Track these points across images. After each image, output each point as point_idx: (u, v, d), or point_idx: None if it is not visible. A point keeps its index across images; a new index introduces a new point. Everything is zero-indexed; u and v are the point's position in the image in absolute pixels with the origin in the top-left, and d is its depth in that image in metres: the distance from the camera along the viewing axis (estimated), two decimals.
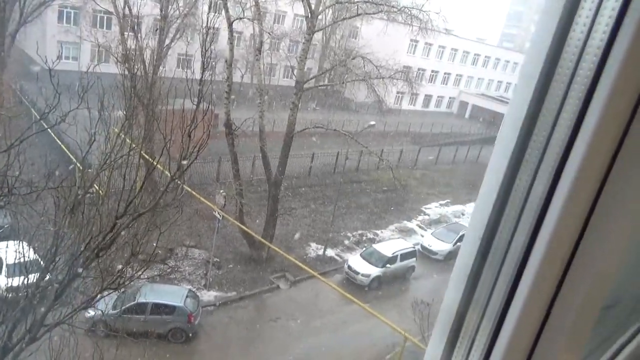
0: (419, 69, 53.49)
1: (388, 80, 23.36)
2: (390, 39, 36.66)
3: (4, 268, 15.37)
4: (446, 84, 62.85)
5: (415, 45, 54.79)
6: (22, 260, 8.40)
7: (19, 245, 8.99)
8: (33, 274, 7.63)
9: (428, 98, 61.53)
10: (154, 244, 8.73)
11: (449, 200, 33.96)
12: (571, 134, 0.87)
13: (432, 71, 59.63)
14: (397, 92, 43.12)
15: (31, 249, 9.07)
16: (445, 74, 61.50)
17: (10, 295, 8.14)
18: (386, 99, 27.10)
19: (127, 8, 21.43)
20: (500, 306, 0.99)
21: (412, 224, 29.52)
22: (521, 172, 0.95)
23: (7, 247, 14.66)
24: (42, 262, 7.99)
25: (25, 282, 7.52)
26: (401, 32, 30.02)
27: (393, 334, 15.68)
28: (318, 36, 41.17)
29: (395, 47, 43.72)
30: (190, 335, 16.57)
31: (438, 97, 63.01)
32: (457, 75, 62.93)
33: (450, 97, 64.39)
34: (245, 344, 17.10)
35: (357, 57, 24.45)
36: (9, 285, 10.73)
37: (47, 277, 7.43)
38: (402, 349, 13.85)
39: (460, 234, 25.21)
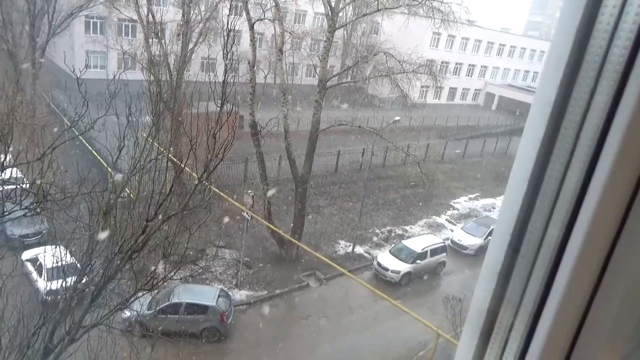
0: (442, 62, 52.74)
1: (411, 74, 23.12)
2: (412, 33, 36.20)
3: (44, 272, 15.92)
4: (471, 76, 61.81)
5: (438, 38, 54.04)
6: (60, 264, 8.69)
7: (56, 250, 9.30)
8: (71, 277, 7.87)
9: (453, 91, 60.65)
10: (185, 245, 8.87)
11: (478, 194, 33.43)
12: (606, 119, 0.83)
13: (456, 63, 58.73)
14: (421, 86, 42.68)
15: (68, 253, 9.36)
16: (469, 65, 60.48)
17: (50, 298, 8.41)
18: (410, 94, 26.78)
19: (150, 15, 21.85)
20: (535, 302, 0.95)
21: (441, 219, 29.17)
22: (552, 162, 0.91)
23: (45, 251, 15.19)
24: (78, 266, 8.22)
25: (64, 285, 7.76)
26: (423, 26, 29.61)
27: (425, 330, 15.53)
28: (339, 33, 41.02)
29: (417, 41, 43.21)
30: (223, 334, 16.80)
31: (463, 89, 62.04)
32: (482, 66, 61.81)
33: (475, 89, 63.31)
34: (277, 342, 17.23)
35: (379, 52, 24.27)
36: (49, 288, 11.11)
37: (84, 280, 7.65)
38: (435, 346, 13.70)
39: (491, 227, 24.76)
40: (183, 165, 8.91)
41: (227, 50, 10.47)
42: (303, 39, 42.78)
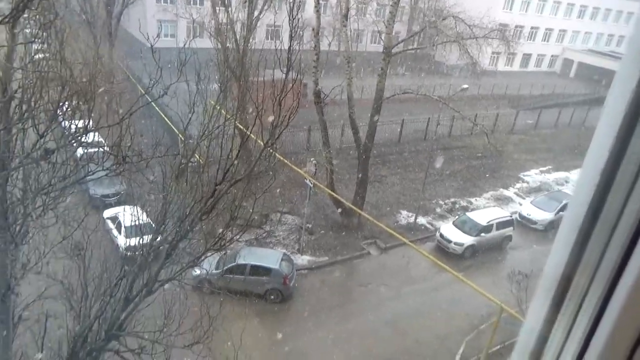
0: (516, 26, 49.62)
1: (482, 40, 22.03)
2: None
3: (123, 229, 17.16)
4: (547, 41, 57.79)
5: (512, 0, 50.79)
6: (137, 223, 9.31)
7: (134, 210, 9.96)
8: (147, 235, 8.43)
9: (527, 57, 57.14)
10: (250, 210, 9.20)
11: (550, 167, 31.77)
12: None
13: (532, 27, 55.04)
14: (492, 53, 40.51)
15: (144, 213, 10.00)
16: (546, 29, 56.50)
17: (128, 253, 9.07)
18: (480, 61, 25.55)
19: None
20: (614, 268, 0.91)
21: (509, 192, 28.10)
22: (638, 132, 0.85)
23: (124, 210, 16.33)
24: (153, 225, 8.78)
25: (141, 242, 8.33)
26: None
27: (488, 304, 15.27)
28: None
29: (489, 3, 40.91)
30: (285, 296, 17.44)
31: (538, 55, 58.26)
32: (560, 30, 57.53)
33: (552, 55, 59.24)
34: (336, 306, 17.65)
35: (447, 17, 23.23)
36: (128, 244, 11.97)
37: (159, 238, 8.16)
38: (498, 320, 13.45)
39: (564, 202, 23.58)
40: (249, 132, 9.13)
41: (292, 16, 10.44)
42: (368, 4, 41.79)
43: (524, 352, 1.11)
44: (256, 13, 22.70)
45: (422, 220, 23.63)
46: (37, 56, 7.09)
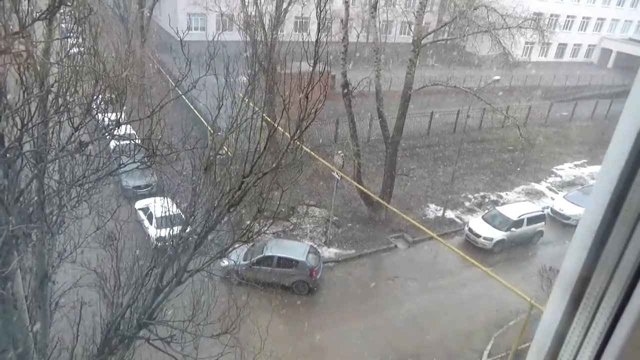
0: (551, 15, 48.12)
1: (515, 30, 21.47)
2: None
3: (154, 220, 17.56)
4: (584, 30, 55.82)
5: None
6: (167, 214, 9.51)
7: (164, 201, 10.16)
8: (176, 226, 8.59)
9: (562, 47, 55.35)
10: (278, 202, 9.25)
11: (585, 161, 30.85)
12: None
13: (568, 16, 53.24)
14: (526, 43, 39.42)
15: (174, 204, 10.20)
16: (583, 18, 54.56)
17: (159, 244, 9.28)
18: (513, 51, 24.89)
19: None
20: (633, 268, 0.88)
21: (541, 186, 27.44)
22: None
23: (155, 202, 16.69)
24: (183, 216, 8.94)
25: (171, 233, 8.50)
26: None
27: (518, 300, 14.98)
28: None
29: None
30: (312, 288, 17.54)
31: (574, 45, 56.37)
32: (598, 19, 55.47)
33: (589, 45, 57.22)
34: (363, 299, 17.65)
35: (479, 6, 22.69)
36: (158, 235, 12.22)
37: (188, 229, 8.31)
38: (528, 316, 13.19)
39: None
40: (276, 125, 9.16)
41: (320, 8, 10.39)
42: None
43: (541, 352, 1.11)
44: (285, 5, 22.71)
45: (450, 214, 23.34)
46: (72, 51, 7.27)
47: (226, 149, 9.92)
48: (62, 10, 6.88)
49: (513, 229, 20.98)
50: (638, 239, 0.88)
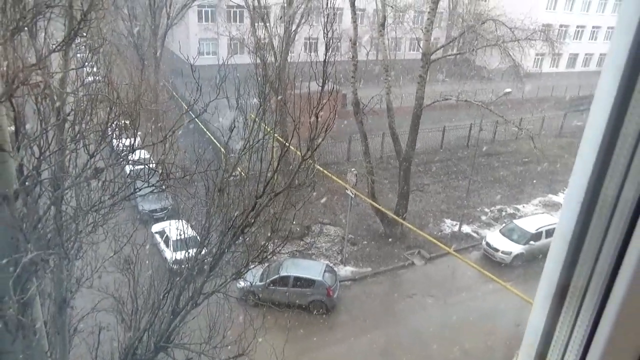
0: (561, 26, 48.03)
1: (524, 42, 21.48)
2: None
3: (170, 243, 17.68)
4: (595, 39, 55.53)
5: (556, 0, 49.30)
6: (183, 236, 9.58)
7: (179, 224, 10.26)
8: (192, 249, 8.65)
9: (573, 57, 55.07)
10: (291, 221, 9.28)
11: None
12: None
13: (578, 27, 53.06)
14: (536, 55, 39.42)
15: (189, 227, 10.28)
16: (593, 27, 54.33)
17: (175, 266, 9.34)
18: (523, 63, 24.88)
19: (256, 0, 22.65)
20: (610, 265, 0.92)
21: (558, 198, 27.02)
22: (625, 127, 0.86)
23: (170, 225, 16.83)
24: (198, 238, 9.00)
25: (187, 255, 8.56)
26: None
27: None
28: (444, 3, 39.18)
29: (531, 4, 39.77)
30: (330, 307, 17.39)
31: (586, 55, 56.04)
32: (608, 28, 55.15)
33: (601, 54, 56.77)
34: (381, 317, 17.43)
35: (487, 20, 22.81)
36: (174, 258, 12.31)
37: (203, 252, 8.36)
38: None
39: None
40: (288, 145, 9.24)
41: (327, 29, 10.55)
42: (405, 11, 41.45)
43: (529, 354, 1.14)
44: (294, 27, 23.09)
45: (466, 228, 23.08)
46: (87, 79, 7.47)
47: (239, 170, 10.02)
48: (77, 41, 7.09)
49: (532, 242, 20.65)
50: (611, 242, 0.91)
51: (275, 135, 11.40)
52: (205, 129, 22.96)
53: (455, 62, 45.87)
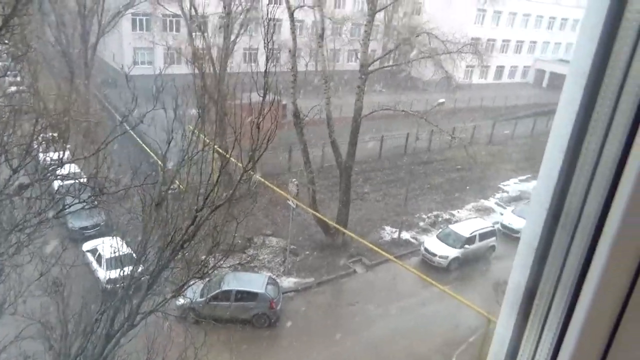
0: (488, 40, 50.95)
1: (456, 54, 22.48)
2: (456, 11, 35.09)
3: (103, 262, 16.78)
4: (519, 53, 59.28)
5: (484, 15, 52.16)
6: (117, 254, 9.13)
7: (113, 241, 9.76)
8: (127, 267, 8.24)
9: (500, 69, 58.47)
10: (233, 234, 9.09)
11: (529, 175, 32.25)
12: None
13: (503, 40, 56.46)
14: (467, 66, 41.33)
15: (124, 244, 9.81)
16: (517, 42, 58.02)
17: (109, 286, 8.86)
18: (455, 75, 26.08)
19: (193, 9, 22.25)
20: (575, 275, 0.92)
21: (490, 203, 28.42)
22: (590, 133, 0.87)
23: (103, 242, 15.99)
24: (134, 255, 8.60)
25: (122, 274, 8.14)
26: (467, 2, 28.64)
27: (476, 316, 15.27)
28: (380, 16, 40.36)
29: (461, 19, 41.94)
30: (273, 320, 17.17)
31: (511, 67, 59.68)
32: (530, 42, 59.11)
33: (524, 67, 60.71)
34: (325, 327, 17.44)
35: (421, 33, 23.72)
36: (108, 277, 11.69)
37: (140, 269, 7.99)
38: (486, 331, 13.47)
39: None
40: (229, 156, 9.08)
41: (267, 39, 10.52)
42: (343, 23, 42.37)
43: None
44: (233, 37, 22.87)
45: (406, 235, 23.68)
46: (10, 89, 6.98)
47: (178, 183, 9.71)
48: None
49: (466, 245, 21.52)
50: (577, 248, 0.91)
51: (215, 146, 11.18)
52: (141, 142, 22.12)
53: (392, 74, 47.29)
